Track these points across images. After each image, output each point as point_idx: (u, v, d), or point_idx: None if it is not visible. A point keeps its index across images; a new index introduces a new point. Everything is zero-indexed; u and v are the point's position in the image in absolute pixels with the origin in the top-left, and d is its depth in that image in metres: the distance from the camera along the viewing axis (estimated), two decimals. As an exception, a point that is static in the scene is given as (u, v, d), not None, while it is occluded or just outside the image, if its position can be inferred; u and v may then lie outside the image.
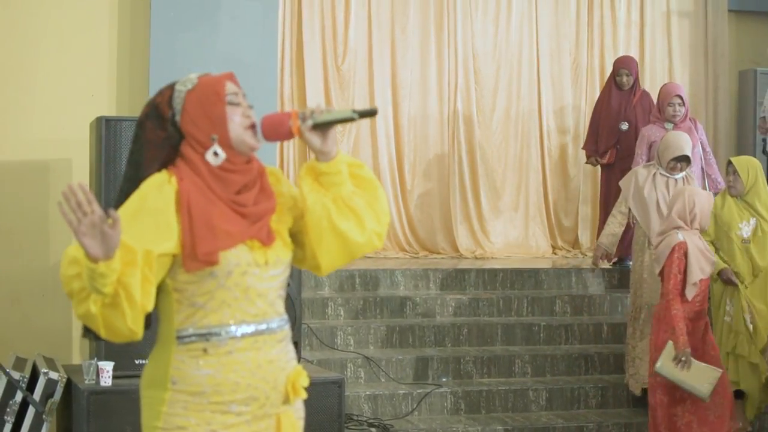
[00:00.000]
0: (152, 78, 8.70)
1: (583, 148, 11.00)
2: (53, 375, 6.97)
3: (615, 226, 8.71)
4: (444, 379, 8.51)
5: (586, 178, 12.36)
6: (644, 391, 8.09)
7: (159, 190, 3.17)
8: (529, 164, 12.35)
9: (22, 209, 8.74)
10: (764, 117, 10.67)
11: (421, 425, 7.92)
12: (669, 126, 9.27)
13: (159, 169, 3.25)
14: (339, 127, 11.37)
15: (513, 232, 12.25)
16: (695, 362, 7.05)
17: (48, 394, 6.95)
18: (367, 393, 8.07)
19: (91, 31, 8.97)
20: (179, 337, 3.21)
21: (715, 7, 12.95)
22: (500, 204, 12.22)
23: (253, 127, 3.26)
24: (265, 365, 3.23)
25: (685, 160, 8.34)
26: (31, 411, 6.94)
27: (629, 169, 9.56)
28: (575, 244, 12.41)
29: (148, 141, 3.29)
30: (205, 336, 3.18)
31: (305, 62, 11.50)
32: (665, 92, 9.54)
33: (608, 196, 10.38)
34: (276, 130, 3.24)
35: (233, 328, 3.20)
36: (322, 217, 3.28)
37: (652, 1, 12.87)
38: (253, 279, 3.22)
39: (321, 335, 8.62)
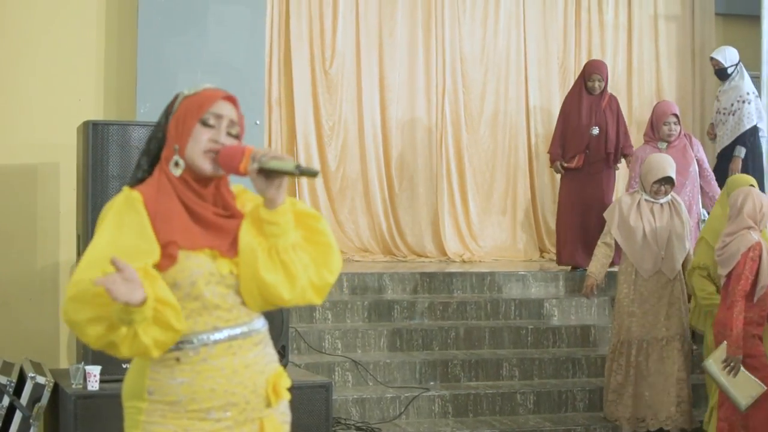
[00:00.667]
0: (140, 82, 8.70)
1: (548, 152, 10.66)
2: (40, 379, 6.96)
3: (602, 257, 8.42)
4: (432, 383, 8.51)
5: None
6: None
7: (129, 206, 3.18)
8: (517, 168, 12.36)
9: (9, 213, 8.73)
10: (713, 123, 11.04)
11: (409, 429, 7.93)
12: (663, 146, 9.25)
13: (147, 168, 3.31)
14: (327, 130, 11.54)
15: (501, 236, 12.26)
16: (743, 371, 6.85)
17: (35, 398, 6.95)
18: (355, 397, 8.07)
19: (78, 35, 8.97)
20: None
21: (703, 10, 13.00)
22: (488, 207, 12.23)
23: (215, 153, 3.22)
24: (241, 370, 3.22)
25: (668, 182, 8.01)
26: (18, 415, 6.93)
27: (598, 174, 9.87)
28: (563, 247, 12.43)
29: (152, 136, 3.38)
30: (177, 345, 3.16)
31: (293, 66, 11.51)
32: (660, 111, 9.44)
33: (569, 204, 10.26)
34: (229, 163, 3.19)
35: (205, 335, 3.19)
36: (250, 265, 3.20)
37: (639, 4, 12.90)
38: (220, 288, 3.21)
39: (308, 339, 8.62)
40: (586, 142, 10.11)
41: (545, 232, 12.39)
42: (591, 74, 10.25)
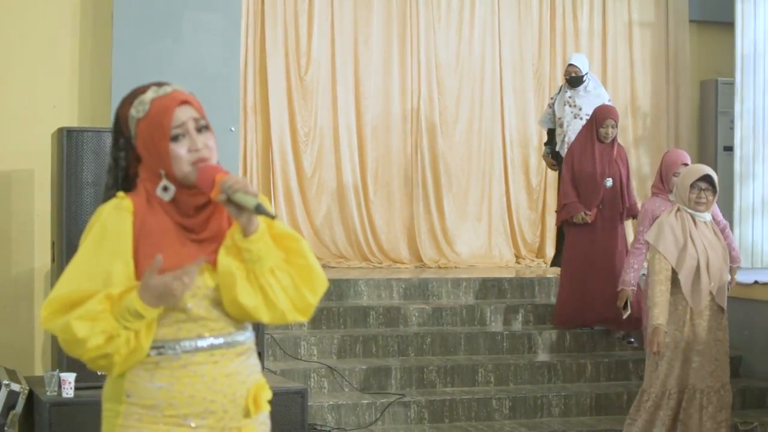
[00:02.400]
0: (114, 89, 8.67)
1: (563, 203, 9.53)
2: (15, 386, 6.94)
3: (665, 301, 6.89)
4: (407, 389, 8.51)
5: (549, 187, 12.42)
6: None
7: (116, 218, 3.19)
8: (492, 174, 12.40)
9: (-17, 221, 8.70)
10: (548, 153, 10.90)
11: (385, 435, 7.94)
12: (674, 198, 8.03)
13: (122, 185, 3.28)
14: (302, 137, 11.55)
15: (476, 242, 12.29)
16: None
17: (10, 405, 6.93)
18: (331, 403, 8.06)
19: (52, 41, 8.94)
20: None
21: (677, 17, 13.06)
22: (463, 213, 12.26)
23: (200, 161, 3.18)
24: (221, 378, 3.20)
25: (709, 183, 7.01)
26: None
27: (613, 230, 9.35)
28: (539, 253, 12.47)
29: (113, 150, 3.34)
30: (157, 349, 3.16)
31: (268, 73, 11.52)
32: (670, 161, 8.44)
33: (577, 261, 9.42)
34: (203, 184, 3.15)
35: (187, 342, 3.18)
36: (227, 287, 3.18)
37: (614, 11, 12.96)
38: (205, 301, 3.21)
39: (284, 345, 8.62)
40: (601, 196, 9.35)
41: (520, 238, 12.44)
42: (604, 120, 9.39)
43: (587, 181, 9.36)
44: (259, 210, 3.07)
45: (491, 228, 12.33)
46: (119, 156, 3.30)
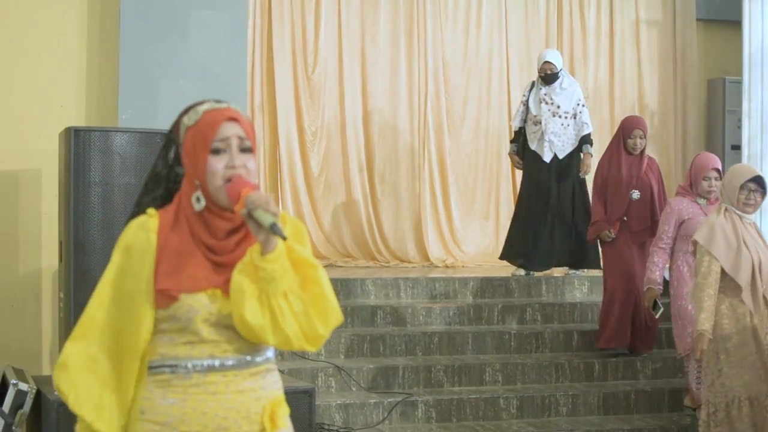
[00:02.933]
0: (122, 88, 8.68)
1: (591, 224, 9.34)
2: (23, 386, 6.94)
3: (712, 306, 6.67)
4: (415, 388, 8.51)
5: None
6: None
7: (141, 237, 3.21)
8: (500, 173, 12.39)
9: (-9, 220, 8.70)
10: (514, 151, 10.63)
11: (392, 434, 7.94)
12: (702, 202, 8.21)
13: (161, 196, 3.31)
14: (309, 136, 11.54)
15: (484, 241, 12.28)
16: None
17: (17, 405, 6.92)
18: (338, 402, 8.06)
19: (60, 41, 8.95)
20: (150, 368, 3.21)
21: (684, 16, 13.03)
22: (471, 213, 12.26)
23: (230, 180, 3.18)
24: (234, 395, 3.19)
25: (760, 184, 6.88)
26: (0, 422, 6.91)
27: (641, 244, 8.95)
28: (546, 252, 12.45)
29: (161, 159, 3.35)
30: (171, 367, 3.18)
31: (275, 72, 11.51)
32: (701, 166, 8.28)
33: (615, 277, 9.06)
34: (231, 196, 3.14)
35: (199, 362, 3.18)
36: (237, 305, 3.13)
37: (621, 10, 12.93)
38: (218, 327, 3.19)
39: (292, 345, 8.60)
40: (626, 208, 9.03)
41: (528, 237, 12.42)
42: (632, 130, 9.11)
43: (613, 193, 9.06)
44: (273, 229, 3.02)
45: (498, 227, 12.31)
46: (167, 164, 3.32)
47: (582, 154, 10.35)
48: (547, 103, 10.33)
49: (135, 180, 6.86)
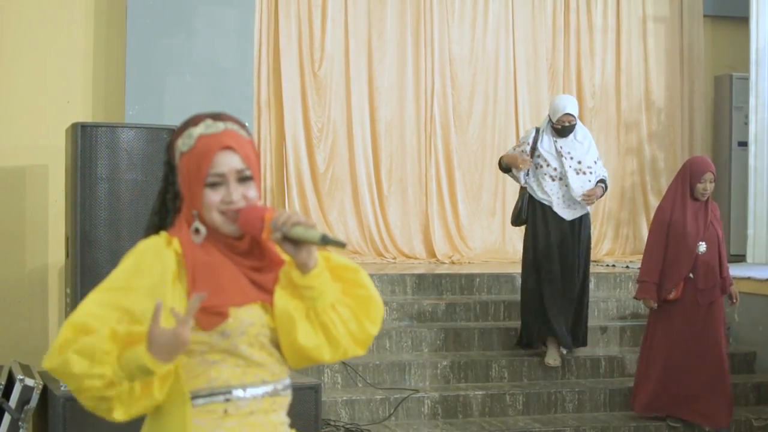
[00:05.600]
0: (128, 84, 8.69)
1: (640, 281, 8.33)
2: (29, 382, 6.95)
3: None
4: (421, 384, 8.52)
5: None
6: None
7: (156, 258, 2.98)
8: (506, 169, 12.37)
9: (-2, 215, 8.72)
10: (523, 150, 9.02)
11: (399, 430, 7.93)
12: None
13: (164, 218, 3.11)
14: (316, 132, 11.54)
15: (490, 237, 12.28)
16: None
17: (24, 400, 6.93)
18: (345, 398, 8.07)
19: (67, 37, 8.96)
20: (195, 398, 2.94)
21: (691, 12, 13.01)
22: (477, 209, 12.25)
23: (234, 212, 2.98)
24: (277, 427, 3.04)
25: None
26: (7, 418, 6.92)
27: (710, 305, 8.10)
28: (552, 248, 12.43)
29: (164, 178, 3.14)
30: (224, 395, 2.94)
31: (282, 68, 11.51)
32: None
33: (671, 341, 8.19)
34: (249, 229, 2.97)
35: (252, 388, 2.98)
36: (287, 331, 2.98)
37: (628, 6, 12.91)
38: (266, 340, 2.99)
39: (298, 341, 8.60)
40: (692, 264, 8.07)
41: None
42: (703, 174, 8.07)
43: (678, 245, 8.04)
44: (326, 240, 2.87)
45: (505, 223, 12.28)
46: (166, 185, 3.12)
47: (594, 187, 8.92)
48: (567, 158, 8.94)
49: (141, 176, 6.88)
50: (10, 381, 7.11)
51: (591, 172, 8.88)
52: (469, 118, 12.29)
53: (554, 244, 8.79)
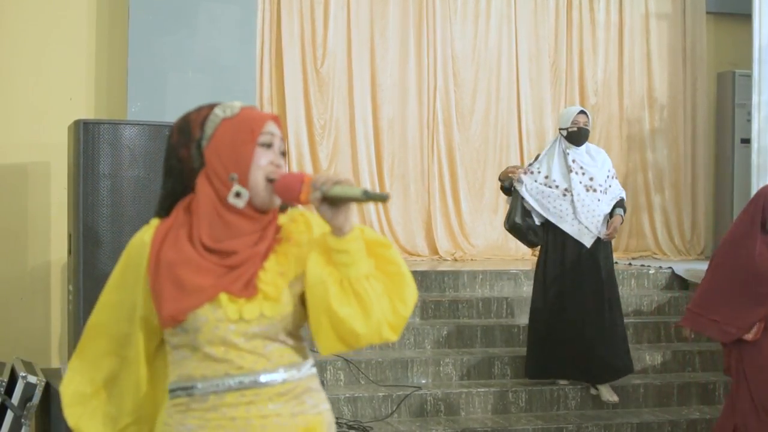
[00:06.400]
0: (130, 81, 8.69)
1: (690, 308, 7.01)
2: (32, 379, 6.95)
3: None
4: (423, 382, 8.51)
5: (566, 180, 12.39)
6: None
7: (139, 251, 3.02)
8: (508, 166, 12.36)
9: (0, 212, 8.72)
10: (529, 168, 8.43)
11: (401, 427, 7.92)
12: None
13: (164, 202, 3.06)
14: (318, 129, 11.52)
15: (492, 234, 12.27)
16: None
17: (27, 397, 6.94)
18: (347, 395, 8.06)
19: (69, 34, 8.96)
20: (170, 391, 2.99)
21: (694, 9, 13.00)
22: (480, 206, 12.24)
23: (271, 181, 2.96)
24: (257, 420, 2.93)
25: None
26: (9, 415, 6.92)
27: None
28: (555, 245, 12.42)
29: (169, 156, 3.06)
30: (187, 390, 2.94)
31: (284, 65, 11.50)
32: None
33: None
34: (287, 192, 2.93)
35: (214, 381, 2.92)
36: (321, 298, 2.90)
37: (630, 3, 12.90)
38: (227, 334, 2.92)
39: (300, 338, 8.60)
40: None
41: (537, 231, 12.39)
42: None
43: (746, 285, 6.68)
44: (368, 195, 2.83)
45: (507, 220, 12.31)
46: (186, 156, 3.02)
47: (611, 217, 8.35)
48: (577, 173, 8.31)
49: (144, 173, 6.88)
50: (13, 378, 7.11)
51: (603, 191, 8.27)
52: (471, 115, 12.28)
53: (568, 268, 8.26)
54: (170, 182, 3.05)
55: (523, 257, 12.21)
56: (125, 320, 3.05)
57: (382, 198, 2.85)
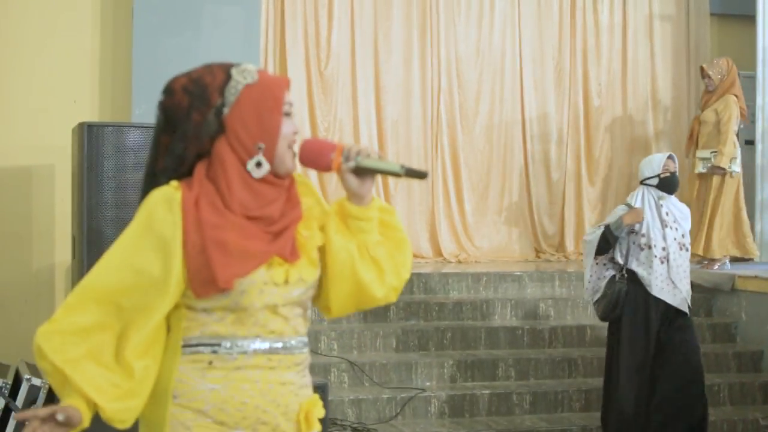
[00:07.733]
0: (135, 84, 8.70)
1: None
2: (36, 381, 6.95)
3: None
4: (428, 383, 8.51)
5: (569, 181, 12.39)
6: None
7: (168, 210, 2.87)
8: (513, 168, 12.36)
9: (4, 215, 8.73)
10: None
11: (405, 429, 7.92)
12: None
13: (175, 168, 2.95)
14: (322, 131, 11.52)
15: (496, 236, 12.26)
16: None
17: (31, 400, 6.93)
18: (351, 397, 8.06)
19: (73, 37, 8.97)
20: (185, 346, 2.91)
21: (697, 10, 13.00)
22: (484, 208, 12.23)
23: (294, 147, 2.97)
24: (277, 387, 2.93)
25: None
26: (13, 417, 6.92)
27: None
28: (559, 247, 12.43)
29: (175, 122, 2.96)
30: (212, 346, 2.90)
31: (288, 67, 11.49)
32: None
33: None
34: (315, 158, 2.96)
35: (244, 342, 2.91)
36: (346, 265, 2.99)
37: (634, 5, 12.89)
38: (270, 297, 2.91)
39: (305, 340, 8.60)
40: None
41: (541, 233, 12.39)
42: None
43: None
44: (407, 170, 2.91)
45: (511, 222, 12.30)
46: (201, 122, 2.92)
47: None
48: (672, 229, 7.38)
49: (148, 175, 6.89)
50: (17, 380, 7.11)
51: (687, 249, 7.39)
52: (475, 117, 12.28)
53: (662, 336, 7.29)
54: (182, 146, 2.94)
55: (527, 259, 12.21)
56: (137, 289, 2.85)
57: (420, 175, 2.92)
